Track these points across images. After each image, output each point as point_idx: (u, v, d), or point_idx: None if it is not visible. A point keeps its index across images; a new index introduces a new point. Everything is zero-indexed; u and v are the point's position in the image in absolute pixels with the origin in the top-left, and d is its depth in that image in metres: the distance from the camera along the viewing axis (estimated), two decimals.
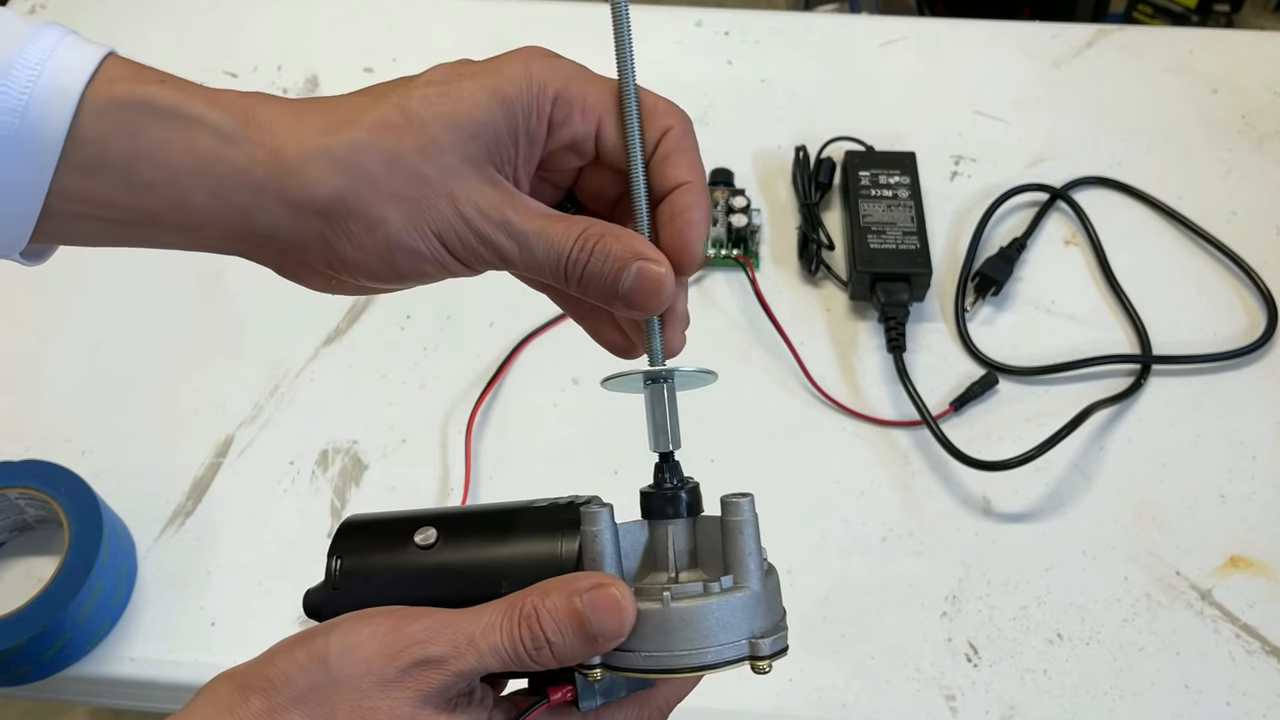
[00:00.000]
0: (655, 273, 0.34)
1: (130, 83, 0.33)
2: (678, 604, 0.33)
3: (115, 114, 0.32)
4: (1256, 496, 0.66)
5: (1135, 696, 0.58)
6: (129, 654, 0.60)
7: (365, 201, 0.33)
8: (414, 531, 0.36)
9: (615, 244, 0.34)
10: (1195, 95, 0.86)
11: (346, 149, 0.32)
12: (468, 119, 0.33)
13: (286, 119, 0.33)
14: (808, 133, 0.83)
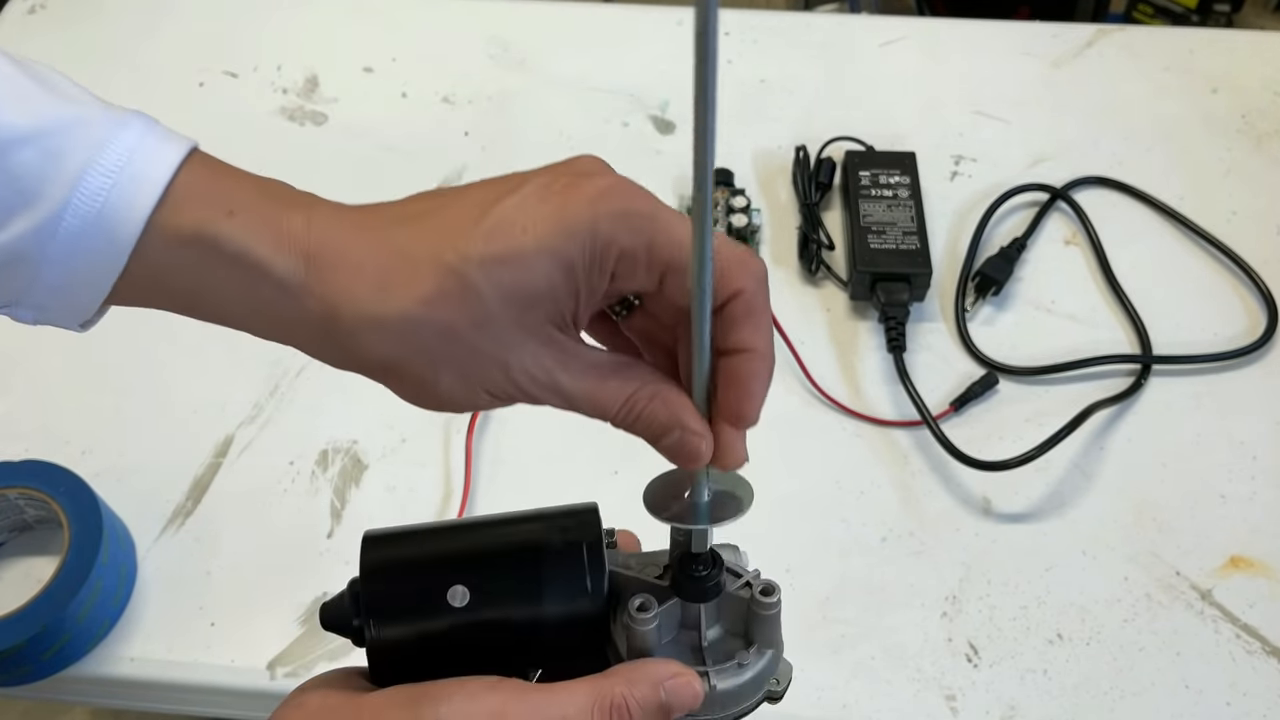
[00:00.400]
0: (693, 444, 0.36)
1: (200, 211, 0.33)
2: (721, 684, 0.37)
3: (180, 250, 0.33)
4: (1257, 496, 0.66)
5: (1135, 696, 0.58)
6: (129, 654, 0.60)
7: (417, 367, 0.33)
8: (445, 590, 0.36)
9: (661, 410, 0.35)
10: (1195, 95, 0.86)
11: (400, 322, 0.32)
12: (526, 292, 0.32)
13: (346, 271, 0.33)
14: (808, 133, 0.83)
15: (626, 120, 0.85)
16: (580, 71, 0.88)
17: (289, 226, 0.33)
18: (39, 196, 0.31)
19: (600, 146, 0.83)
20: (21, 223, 0.32)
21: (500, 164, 0.88)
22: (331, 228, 0.33)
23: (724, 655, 0.38)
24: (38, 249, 0.32)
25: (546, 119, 0.85)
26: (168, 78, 0.87)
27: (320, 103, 0.86)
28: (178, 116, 0.94)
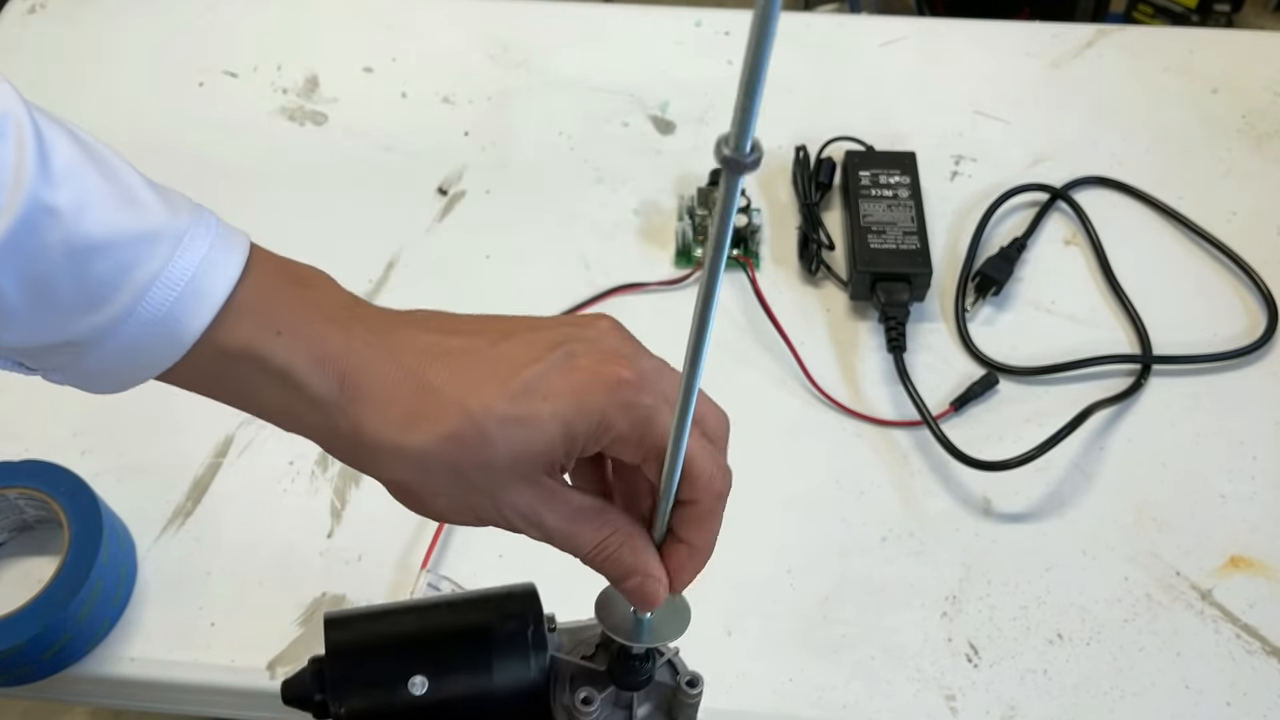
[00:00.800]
0: (653, 590, 0.38)
1: (251, 330, 0.35)
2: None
3: (228, 361, 0.36)
4: (1257, 496, 0.66)
5: (1135, 696, 0.58)
6: (129, 654, 0.60)
7: (422, 490, 0.37)
8: (405, 679, 0.40)
9: (628, 557, 0.38)
10: (1195, 95, 0.86)
11: (417, 453, 0.36)
12: (533, 451, 0.35)
13: (377, 402, 0.36)
14: (808, 133, 0.83)
15: (626, 120, 0.85)
16: (580, 71, 0.88)
17: (328, 349, 0.36)
18: (106, 302, 0.33)
19: (600, 146, 0.83)
20: (85, 322, 0.34)
21: (500, 164, 0.88)
22: (367, 351, 0.36)
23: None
24: (94, 343, 0.34)
25: (546, 119, 0.85)
26: (168, 78, 0.87)
27: (320, 103, 0.86)
28: (177, 116, 0.95)
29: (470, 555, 0.63)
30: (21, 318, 0.33)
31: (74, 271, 0.33)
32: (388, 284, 0.76)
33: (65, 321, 0.34)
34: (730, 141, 0.25)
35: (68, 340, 0.34)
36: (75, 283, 0.33)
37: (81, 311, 0.33)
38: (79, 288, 0.33)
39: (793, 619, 0.61)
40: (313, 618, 0.61)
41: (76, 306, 0.33)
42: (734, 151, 0.25)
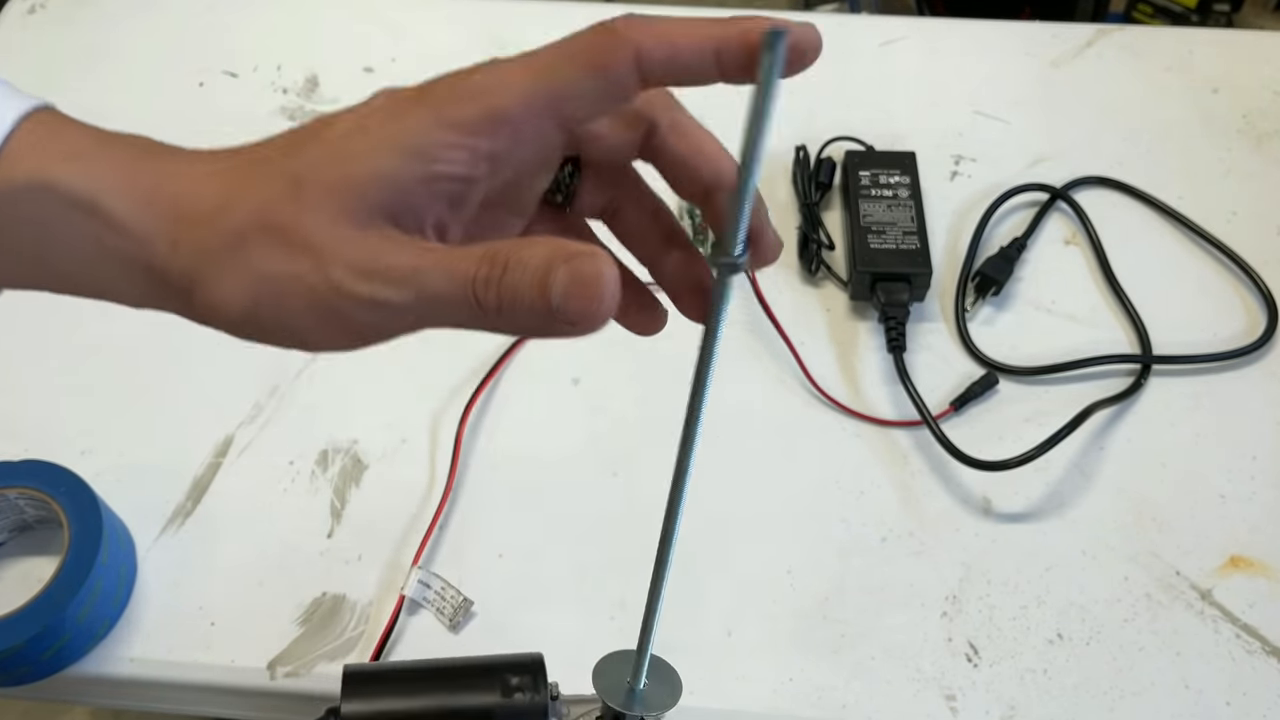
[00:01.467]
0: (591, 269, 0.27)
1: (38, 159, 0.31)
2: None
3: (20, 201, 0.31)
4: (1257, 496, 0.66)
5: (1135, 696, 0.58)
6: (128, 654, 0.60)
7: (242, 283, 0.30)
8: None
9: (535, 249, 0.28)
10: (1195, 95, 0.86)
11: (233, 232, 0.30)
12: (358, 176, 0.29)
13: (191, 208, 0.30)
14: (808, 132, 0.83)
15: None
16: None
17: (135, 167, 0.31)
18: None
19: None
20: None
21: None
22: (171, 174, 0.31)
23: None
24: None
25: None
26: (167, 78, 0.87)
27: (321, 103, 0.86)
28: (177, 117, 0.95)
29: (470, 555, 0.63)
30: None
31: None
32: None
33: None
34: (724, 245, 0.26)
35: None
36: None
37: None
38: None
39: (792, 619, 0.61)
40: (313, 617, 0.61)
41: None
42: (727, 255, 0.26)
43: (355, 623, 0.61)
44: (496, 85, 0.29)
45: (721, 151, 0.33)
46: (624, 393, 0.70)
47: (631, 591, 0.62)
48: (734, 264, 0.26)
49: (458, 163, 0.29)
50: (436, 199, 0.29)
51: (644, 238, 0.35)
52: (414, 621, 0.61)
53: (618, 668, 0.40)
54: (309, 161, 0.29)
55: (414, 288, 0.28)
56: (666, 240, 0.35)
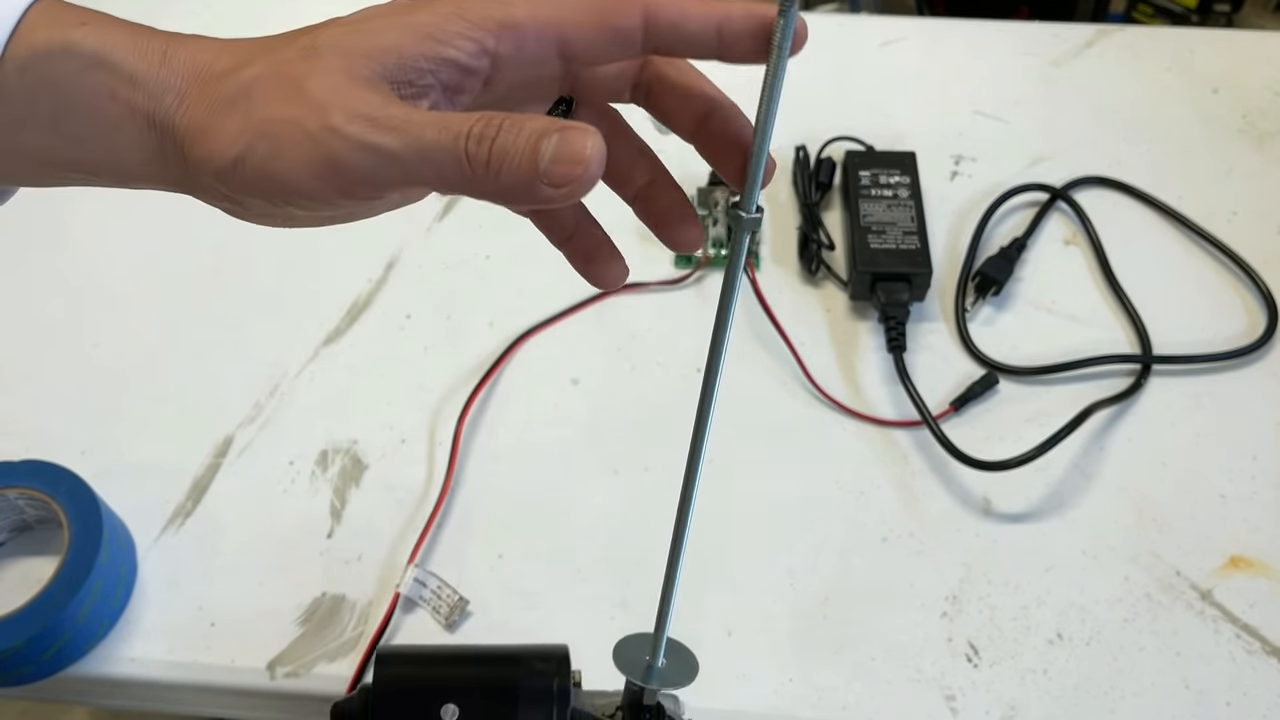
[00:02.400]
0: (580, 139, 0.28)
1: (51, 28, 0.32)
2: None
3: (38, 66, 0.31)
4: (1257, 496, 0.66)
5: (1136, 697, 0.58)
6: (128, 654, 0.60)
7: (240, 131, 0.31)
8: (440, 707, 0.44)
9: (530, 118, 0.29)
10: (1195, 95, 0.86)
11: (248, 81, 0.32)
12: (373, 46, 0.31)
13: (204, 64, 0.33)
14: (808, 132, 0.83)
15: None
16: None
17: (143, 34, 0.33)
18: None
19: None
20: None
21: None
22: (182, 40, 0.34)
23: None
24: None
25: None
26: None
27: None
28: None
29: (470, 554, 0.63)
30: None
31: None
32: (388, 284, 0.76)
33: None
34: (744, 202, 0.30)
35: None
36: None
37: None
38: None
39: (793, 619, 0.61)
40: (313, 617, 0.61)
41: None
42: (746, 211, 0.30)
43: (355, 623, 0.61)
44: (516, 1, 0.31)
45: (708, 82, 0.35)
46: (623, 392, 0.70)
47: (632, 591, 0.62)
48: (754, 219, 0.30)
49: (464, 51, 0.31)
50: (438, 81, 0.31)
51: (629, 175, 0.36)
52: (410, 620, 0.61)
53: (636, 648, 0.42)
54: (328, 35, 0.32)
55: (408, 136, 0.29)
56: (651, 177, 0.37)
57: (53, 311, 0.75)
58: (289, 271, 0.76)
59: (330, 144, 0.30)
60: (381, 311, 0.74)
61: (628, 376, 0.71)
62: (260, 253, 0.77)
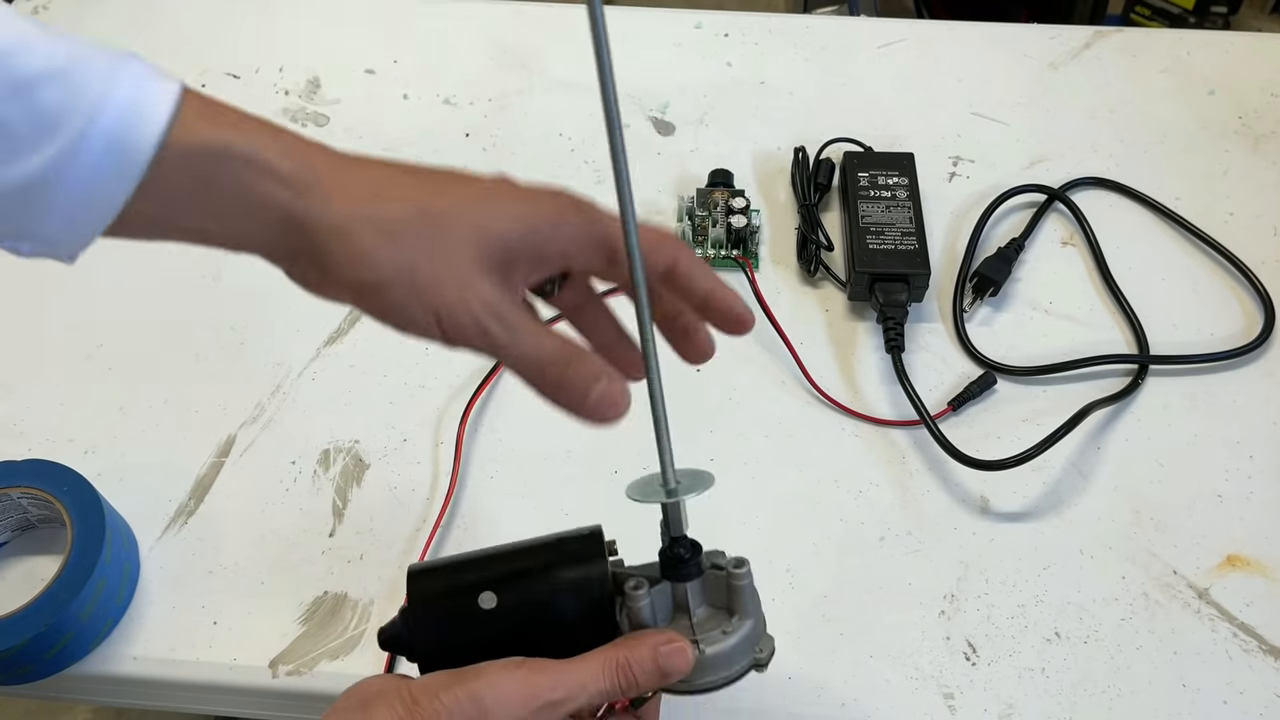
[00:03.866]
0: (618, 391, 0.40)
1: (210, 126, 0.36)
2: (709, 649, 0.45)
3: (197, 162, 0.36)
4: (1254, 496, 0.66)
5: (1133, 695, 0.59)
6: (131, 653, 0.60)
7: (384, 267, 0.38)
8: (477, 598, 0.45)
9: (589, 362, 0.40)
10: (1192, 96, 0.87)
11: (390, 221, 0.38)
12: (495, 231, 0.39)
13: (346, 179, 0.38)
14: (807, 134, 0.83)
15: (627, 122, 0.85)
16: (581, 73, 0.89)
17: (288, 140, 0.37)
18: (61, 127, 0.34)
19: (601, 148, 0.83)
20: (46, 151, 0.34)
21: (501, 166, 0.88)
22: (325, 150, 0.38)
23: (712, 627, 0.45)
24: (57, 174, 0.34)
25: (547, 121, 0.86)
26: None
27: (322, 104, 0.87)
28: None
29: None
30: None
31: (23, 106, 0.34)
32: None
33: (24, 159, 0.34)
34: None
35: (27, 181, 0.34)
36: (26, 115, 0.34)
37: (37, 144, 0.34)
38: (30, 120, 0.34)
39: (791, 618, 0.62)
40: (315, 616, 0.61)
41: (31, 139, 0.34)
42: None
43: (357, 621, 0.61)
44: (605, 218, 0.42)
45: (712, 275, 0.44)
46: None
47: None
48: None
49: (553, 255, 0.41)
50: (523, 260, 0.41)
51: (598, 330, 0.46)
52: None
53: (649, 481, 0.45)
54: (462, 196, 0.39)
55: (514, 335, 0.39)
56: (616, 336, 0.46)
57: (56, 311, 0.75)
58: None
59: (457, 313, 0.38)
60: None
61: None
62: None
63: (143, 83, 0.35)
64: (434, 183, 0.39)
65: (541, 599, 0.45)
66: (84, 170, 0.35)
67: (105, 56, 0.35)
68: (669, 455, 0.44)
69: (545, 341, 0.39)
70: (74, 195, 0.35)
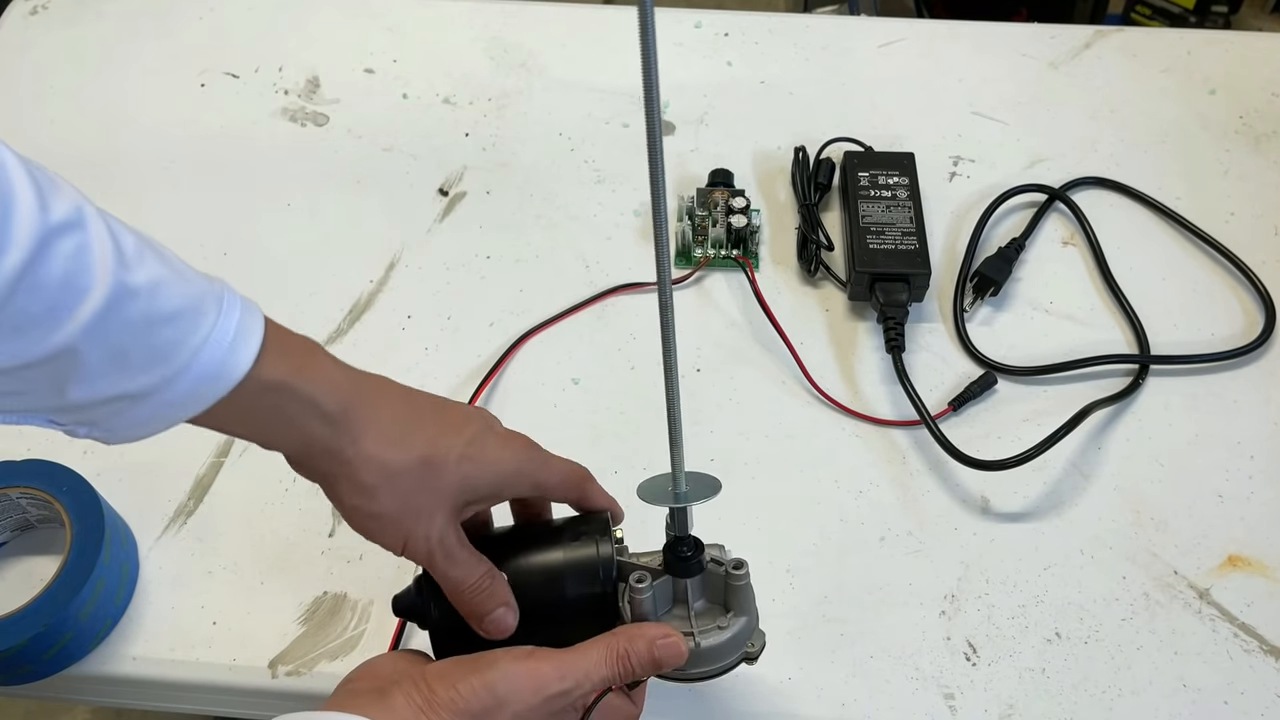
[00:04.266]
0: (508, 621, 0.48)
1: (280, 370, 0.43)
2: (704, 642, 0.48)
3: (260, 392, 0.43)
4: (1254, 496, 0.66)
5: (1133, 695, 0.59)
6: (131, 653, 0.60)
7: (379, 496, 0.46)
8: None
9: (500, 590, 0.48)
10: (1193, 96, 0.87)
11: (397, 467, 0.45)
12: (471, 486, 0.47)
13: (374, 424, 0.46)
14: (807, 133, 0.83)
15: (627, 121, 0.85)
16: (580, 73, 0.88)
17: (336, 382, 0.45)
18: (169, 360, 0.40)
19: (600, 147, 0.83)
20: (148, 378, 0.40)
21: (500, 165, 0.88)
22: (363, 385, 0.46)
23: (708, 621, 0.49)
24: (147, 395, 0.40)
25: (547, 120, 0.85)
26: (169, 79, 0.88)
27: (321, 104, 0.86)
28: (180, 117, 0.95)
29: None
30: (96, 379, 0.39)
31: (147, 339, 0.39)
32: (389, 284, 0.76)
33: (131, 380, 0.39)
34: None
35: (126, 394, 0.40)
36: (146, 348, 0.39)
37: (146, 371, 0.40)
38: (148, 351, 0.39)
39: (792, 618, 0.61)
40: (314, 616, 0.61)
41: (144, 367, 0.39)
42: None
43: (356, 621, 0.61)
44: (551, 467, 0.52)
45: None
46: (623, 392, 0.70)
47: None
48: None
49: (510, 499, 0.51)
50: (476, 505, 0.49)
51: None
52: None
53: (660, 484, 0.48)
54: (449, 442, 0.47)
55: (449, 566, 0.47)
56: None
57: None
58: (290, 272, 0.76)
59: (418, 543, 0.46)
60: (382, 312, 0.75)
61: (628, 376, 0.71)
62: (262, 254, 0.77)
63: (238, 324, 0.42)
64: (435, 428, 0.47)
65: (549, 578, 0.48)
66: (171, 394, 0.40)
67: (214, 297, 0.42)
68: (681, 460, 0.46)
69: (470, 572, 0.47)
70: (153, 411, 0.41)
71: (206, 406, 0.42)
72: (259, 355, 0.42)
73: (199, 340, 0.40)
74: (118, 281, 0.38)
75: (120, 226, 0.40)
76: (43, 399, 0.39)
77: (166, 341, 0.39)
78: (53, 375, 0.38)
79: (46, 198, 0.36)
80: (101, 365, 0.38)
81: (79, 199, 0.38)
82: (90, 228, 0.37)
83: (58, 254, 0.36)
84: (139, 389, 0.39)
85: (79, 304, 0.37)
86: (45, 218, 0.36)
